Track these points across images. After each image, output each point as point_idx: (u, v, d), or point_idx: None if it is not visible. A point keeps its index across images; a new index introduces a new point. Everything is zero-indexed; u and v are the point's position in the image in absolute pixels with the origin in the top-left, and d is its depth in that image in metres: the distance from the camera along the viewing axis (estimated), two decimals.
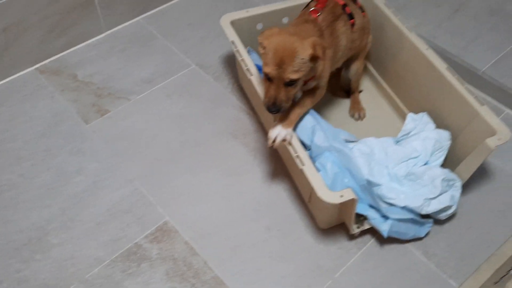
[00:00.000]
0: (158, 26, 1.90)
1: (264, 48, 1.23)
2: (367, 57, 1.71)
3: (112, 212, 1.39)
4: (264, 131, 1.58)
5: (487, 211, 1.42)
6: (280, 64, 1.19)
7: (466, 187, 1.44)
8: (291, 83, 1.22)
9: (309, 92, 1.38)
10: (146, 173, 1.47)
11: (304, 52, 1.19)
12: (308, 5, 1.45)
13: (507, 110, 1.67)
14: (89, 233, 1.35)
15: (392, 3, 1.92)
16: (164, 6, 1.97)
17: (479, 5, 1.96)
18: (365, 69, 1.74)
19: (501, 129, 1.26)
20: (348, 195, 1.15)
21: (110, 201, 1.41)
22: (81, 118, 1.60)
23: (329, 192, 1.16)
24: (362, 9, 1.53)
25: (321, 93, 1.39)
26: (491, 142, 1.23)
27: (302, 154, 1.23)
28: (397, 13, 1.60)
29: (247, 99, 1.67)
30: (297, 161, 1.23)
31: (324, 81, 1.38)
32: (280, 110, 1.25)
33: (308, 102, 1.36)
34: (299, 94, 1.41)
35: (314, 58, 1.21)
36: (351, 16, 1.45)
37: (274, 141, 1.27)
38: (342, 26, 1.42)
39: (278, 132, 1.27)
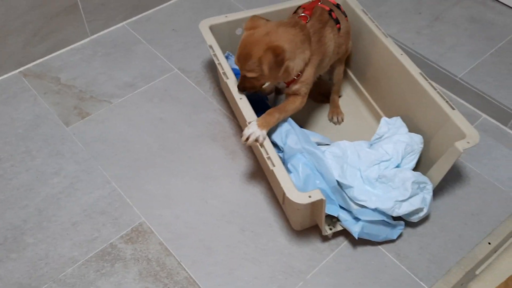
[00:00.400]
0: (142, 31, 1.92)
1: None
2: (347, 63, 1.73)
3: (88, 213, 1.40)
4: None
5: (461, 215, 1.43)
6: (239, 60, 1.29)
7: (441, 190, 1.46)
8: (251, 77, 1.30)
9: (292, 98, 1.40)
10: (124, 174, 1.49)
11: (257, 56, 1.26)
12: (296, 11, 1.48)
13: (484, 116, 1.69)
14: (65, 233, 1.36)
15: (374, 10, 1.96)
16: (149, 12, 2.00)
17: (460, 13, 1.99)
18: (344, 74, 1.76)
19: (471, 132, 1.28)
20: (316, 196, 1.16)
21: (87, 201, 1.42)
22: (62, 120, 1.61)
23: (297, 192, 1.17)
24: (344, 14, 1.56)
25: (303, 101, 1.41)
26: (460, 145, 1.25)
27: (273, 155, 1.25)
28: (374, 19, 1.62)
29: (227, 103, 1.69)
30: (268, 162, 1.24)
31: (307, 87, 1.40)
32: (245, 92, 1.38)
33: (290, 109, 1.38)
34: (283, 97, 1.43)
35: (260, 61, 1.26)
36: (337, 21, 1.48)
37: (247, 138, 1.29)
38: (329, 33, 1.44)
39: (252, 131, 1.29)
